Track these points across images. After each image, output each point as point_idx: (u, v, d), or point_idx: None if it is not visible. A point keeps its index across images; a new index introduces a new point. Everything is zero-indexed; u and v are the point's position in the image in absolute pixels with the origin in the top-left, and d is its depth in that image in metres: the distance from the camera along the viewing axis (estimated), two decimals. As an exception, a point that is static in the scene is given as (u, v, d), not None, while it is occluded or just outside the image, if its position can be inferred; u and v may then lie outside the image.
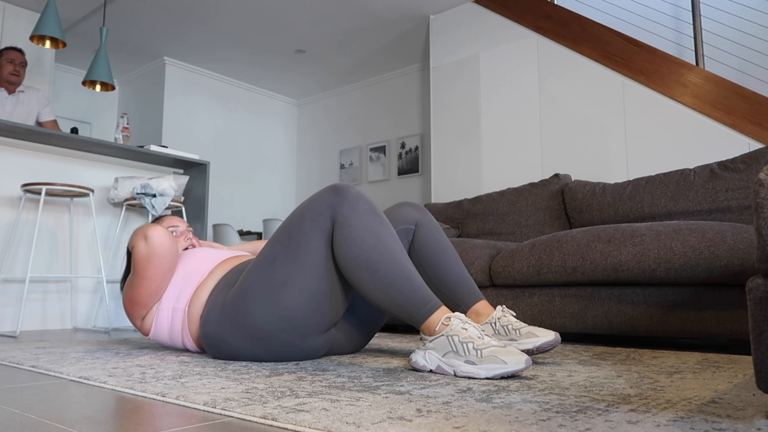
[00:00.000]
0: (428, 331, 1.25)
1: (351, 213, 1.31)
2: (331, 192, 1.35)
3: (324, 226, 1.33)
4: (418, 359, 1.25)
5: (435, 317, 1.24)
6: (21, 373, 1.33)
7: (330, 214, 1.33)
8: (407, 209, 1.61)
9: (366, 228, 1.30)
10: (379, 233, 1.30)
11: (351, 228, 1.29)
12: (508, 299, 2.25)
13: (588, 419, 0.79)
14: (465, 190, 3.99)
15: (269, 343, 1.38)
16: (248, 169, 5.87)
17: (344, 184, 1.37)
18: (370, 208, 1.34)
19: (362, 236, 1.29)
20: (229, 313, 1.39)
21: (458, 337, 1.19)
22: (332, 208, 1.33)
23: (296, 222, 1.36)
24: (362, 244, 1.28)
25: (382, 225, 1.32)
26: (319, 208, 1.34)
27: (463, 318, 1.24)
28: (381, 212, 1.36)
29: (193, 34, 4.79)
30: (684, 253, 1.79)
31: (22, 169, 3.01)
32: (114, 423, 0.81)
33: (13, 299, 2.95)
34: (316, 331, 1.39)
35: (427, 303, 1.25)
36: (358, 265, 1.28)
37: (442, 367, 1.22)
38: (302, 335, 1.38)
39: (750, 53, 3.24)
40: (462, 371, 1.18)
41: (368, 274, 1.27)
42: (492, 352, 1.16)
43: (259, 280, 1.35)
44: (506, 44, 3.89)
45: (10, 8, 4.23)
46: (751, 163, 2.28)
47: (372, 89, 5.67)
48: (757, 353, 0.78)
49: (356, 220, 1.30)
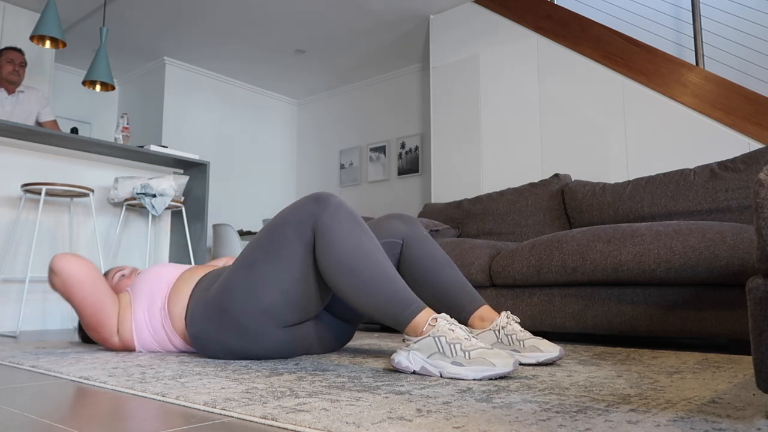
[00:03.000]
0: (413, 332, 1.24)
1: (331, 221, 1.32)
2: (312, 201, 1.37)
3: (305, 235, 1.35)
4: (401, 360, 1.23)
5: (420, 318, 1.23)
6: (21, 373, 1.32)
7: (311, 223, 1.34)
8: (395, 222, 1.61)
9: (347, 235, 1.31)
10: (361, 240, 1.31)
11: (332, 235, 1.31)
12: (508, 299, 2.24)
13: (588, 419, 0.79)
14: (465, 190, 3.99)
15: (255, 336, 1.41)
16: (248, 169, 5.87)
17: (325, 193, 1.39)
18: (352, 217, 1.35)
19: (344, 243, 1.30)
20: (212, 311, 1.42)
21: (445, 338, 1.18)
22: (313, 217, 1.34)
23: (278, 228, 1.38)
24: (344, 250, 1.29)
25: (362, 232, 1.33)
26: (300, 216, 1.36)
27: (450, 319, 1.23)
28: (363, 222, 1.37)
29: (193, 34, 4.79)
30: (684, 253, 1.79)
31: (22, 169, 3.01)
32: (114, 423, 0.81)
33: (13, 299, 2.95)
34: (297, 320, 1.43)
35: (410, 305, 1.24)
36: (341, 270, 1.29)
37: (426, 368, 1.20)
38: (282, 325, 1.42)
39: (750, 53, 3.24)
40: (449, 372, 1.17)
41: (351, 279, 1.27)
42: (480, 354, 1.15)
43: (240, 280, 1.38)
44: (506, 44, 3.89)
45: (10, 8, 4.23)
46: (751, 163, 2.28)
47: (372, 89, 5.67)
48: (757, 353, 0.78)
49: (337, 227, 1.32)
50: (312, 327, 1.52)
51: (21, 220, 3.00)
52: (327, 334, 1.60)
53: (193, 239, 3.51)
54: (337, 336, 1.63)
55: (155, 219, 3.59)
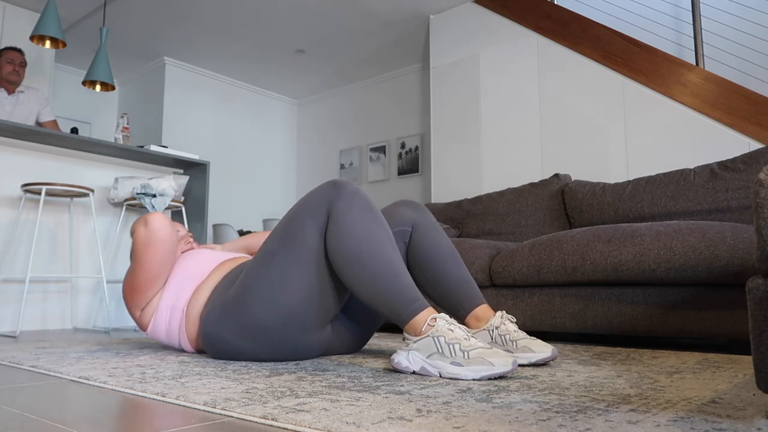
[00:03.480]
0: (413, 331, 1.23)
1: (346, 208, 1.30)
2: (329, 186, 1.35)
3: (320, 220, 1.33)
4: (401, 360, 1.23)
5: (420, 317, 1.22)
6: (21, 373, 1.32)
7: (326, 208, 1.32)
8: (404, 209, 1.59)
9: (359, 223, 1.29)
10: (372, 230, 1.29)
11: (344, 222, 1.29)
12: (508, 299, 2.24)
13: (588, 419, 0.79)
14: (465, 190, 3.99)
15: (271, 339, 1.38)
16: (248, 169, 5.86)
17: (343, 179, 1.37)
18: (366, 206, 1.33)
19: (355, 231, 1.28)
20: (230, 312, 1.39)
21: (444, 339, 1.18)
22: (329, 202, 1.33)
23: (294, 216, 1.36)
24: (354, 239, 1.27)
25: (376, 223, 1.31)
26: (316, 202, 1.34)
27: (449, 319, 1.23)
28: (377, 211, 1.35)
29: (193, 34, 4.79)
30: (684, 253, 1.79)
31: (22, 169, 3.01)
32: (114, 423, 0.81)
33: (13, 299, 2.95)
34: (316, 324, 1.39)
35: (414, 302, 1.24)
36: (349, 259, 1.27)
37: (426, 368, 1.20)
38: (303, 329, 1.38)
39: (750, 53, 3.24)
40: (448, 372, 1.17)
41: (357, 269, 1.26)
42: (479, 354, 1.15)
43: (259, 277, 1.36)
44: (506, 44, 3.89)
45: (10, 8, 4.23)
46: (751, 163, 2.28)
47: (372, 89, 5.67)
48: (757, 353, 0.78)
49: (350, 215, 1.30)
50: (330, 333, 1.50)
51: (21, 220, 3.00)
52: (345, 338, 1.58)
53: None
54: (354, 341, 1.62)
55: (155, 219, 3.58)
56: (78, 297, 3.21)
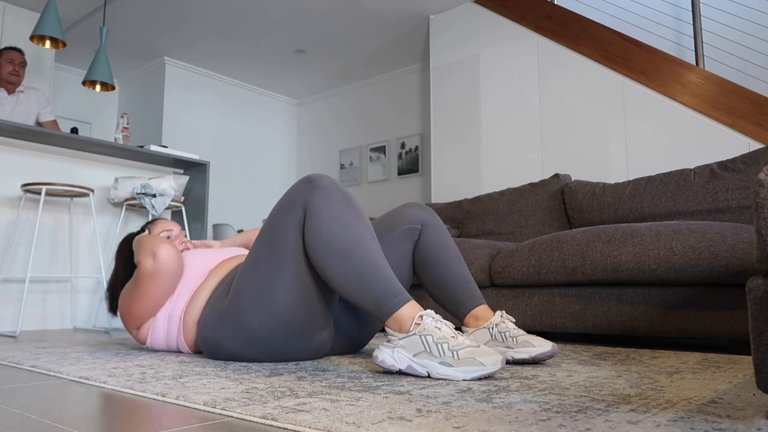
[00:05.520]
0: (396, 326, 1.20)
1: (323, 201, 1.29)
2: (303, 182, 1.33)
3: (298, 217, 1.31)
4: (386, 357, 1.20)
5: (404, 311, 1.20)
6: (21, 373, 1.32)
7: (302, 203, 1.31)
8: (414, 209, 1.60)
9: (337, 215, 1.27)
10: (350, 222, 1.27)
11: (321, 214, 1.27)
12: (508, 299, 2.24)
13: (588, 419, 0.79)
14: (465, 190, 3.99)
15: (269, 347, 1.38)
16: (248, 169, 5.86)
17: (319, 174, 1.35)
18: (344, 198, 1.31)
19: (332, 222, 1.26)
20: (226, 319, 1.39)
21: (432, 337, 1.16)
22: (304, 198, 1.31)
23: (273, 217, 1.35)
24: (331, 231, 1.25)
25: (355, 216, 1.29)
26: (292, 199, 1.32)
27: (435, 316, 1.21)
28: (357, 205, 1.33)
29: (193, 34, 4.79)
30: (684, 253, 1.79)
31: (22, 169, 3.01)
32: (114, 423, 0.81)
33: (13, 299, 2.95)
34: (308, 328, 1.38)
35: (396, 295, 1.21)
36: (328, 252, 1.25)
37: (413, 367, 1.17)
38: (296, 335, 1.37)
39: (750, 53, 3.24)
40: (438, 373, 1.15)
41: (337, 262, 1.24)
42: (469, 353, 1.14)
43: (248, 283, 1.35)
44: (506, 44, 3.89)
45: (10, 8, 4.23)
46: (751, 163, 2.28)
47: (372, 89, 5.67)
48: (757, 353, 0.78)
49: (327, 207, 1.28)
50: (327, 337, 1.48)
51: (21, 220, 3.00)
52: (345, 339, 1.58)
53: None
54: (355, 342, 1.62)
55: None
56: (78, 297, 3.21)
